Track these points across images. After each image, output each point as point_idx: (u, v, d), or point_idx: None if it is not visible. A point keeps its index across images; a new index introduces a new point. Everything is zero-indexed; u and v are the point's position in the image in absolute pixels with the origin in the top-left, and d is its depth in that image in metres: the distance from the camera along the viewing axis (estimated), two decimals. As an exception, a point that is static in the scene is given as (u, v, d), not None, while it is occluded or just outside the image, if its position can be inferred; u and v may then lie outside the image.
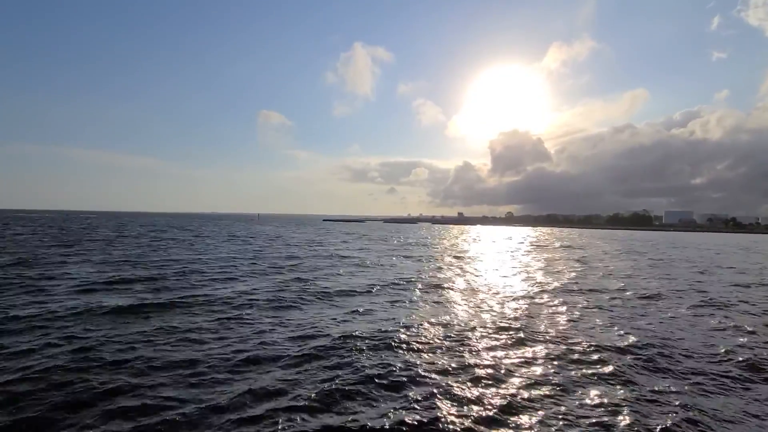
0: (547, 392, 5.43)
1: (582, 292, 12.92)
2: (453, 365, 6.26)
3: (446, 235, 62.50)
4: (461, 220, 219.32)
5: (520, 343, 7.51)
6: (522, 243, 43.61)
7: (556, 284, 14.49)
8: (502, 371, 6.11)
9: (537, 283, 14.85)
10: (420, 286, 13.43)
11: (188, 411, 4.67)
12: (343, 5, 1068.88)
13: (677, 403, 5.20)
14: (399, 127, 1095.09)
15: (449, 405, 4.97)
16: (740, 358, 6.97)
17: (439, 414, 4.72)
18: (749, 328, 8.97)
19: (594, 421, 4.72)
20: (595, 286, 14.12)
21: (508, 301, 11.26)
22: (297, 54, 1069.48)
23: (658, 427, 4.58)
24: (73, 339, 6.96)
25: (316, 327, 8.16)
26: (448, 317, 9.24)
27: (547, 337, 7.89)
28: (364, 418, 4.59)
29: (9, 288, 11.04)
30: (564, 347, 7.28)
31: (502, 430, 4.51)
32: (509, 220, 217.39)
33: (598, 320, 9.34)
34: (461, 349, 7.07)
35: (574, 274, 17.83)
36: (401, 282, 14.06)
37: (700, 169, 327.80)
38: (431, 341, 7.43)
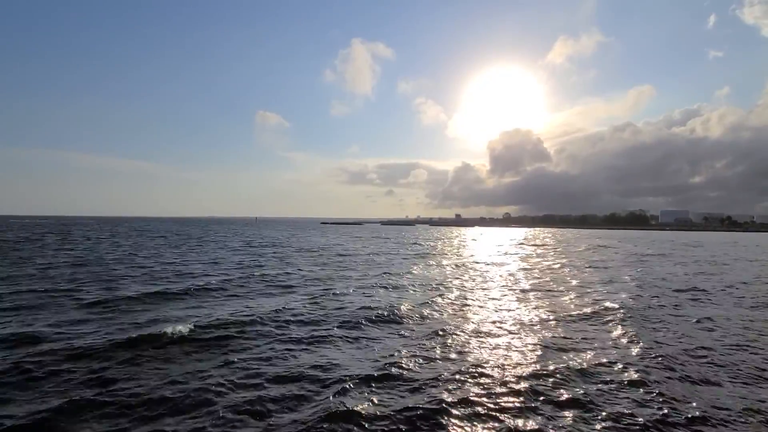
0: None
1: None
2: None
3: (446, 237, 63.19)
4: (459, 221, 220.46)
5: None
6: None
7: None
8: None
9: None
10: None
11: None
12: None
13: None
14: (398, 127, 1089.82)
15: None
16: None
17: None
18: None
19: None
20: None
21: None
22: (294, 52, 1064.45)
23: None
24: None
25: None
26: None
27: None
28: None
29: None
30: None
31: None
32: (506, 221, 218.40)
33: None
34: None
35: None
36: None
37: (698, 168, 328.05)
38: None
